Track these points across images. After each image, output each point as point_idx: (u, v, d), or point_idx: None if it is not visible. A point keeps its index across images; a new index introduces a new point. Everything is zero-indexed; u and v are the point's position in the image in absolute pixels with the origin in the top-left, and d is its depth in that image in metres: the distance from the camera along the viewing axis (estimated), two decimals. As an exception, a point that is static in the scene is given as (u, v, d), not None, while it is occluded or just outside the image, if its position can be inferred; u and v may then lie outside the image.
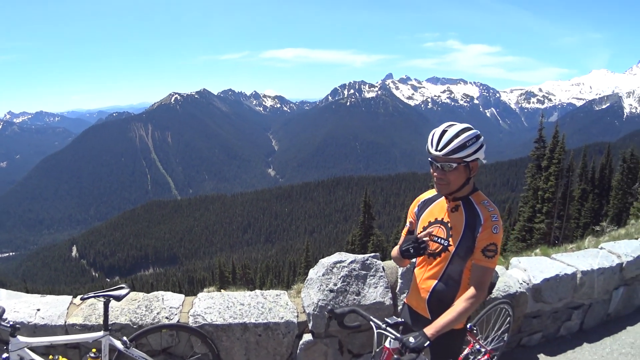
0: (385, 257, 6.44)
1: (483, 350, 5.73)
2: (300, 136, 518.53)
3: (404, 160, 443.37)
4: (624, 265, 8.20)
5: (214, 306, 5.76)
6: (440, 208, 4.16)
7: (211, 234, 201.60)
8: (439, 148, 3.78)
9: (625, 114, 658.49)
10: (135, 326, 5.42)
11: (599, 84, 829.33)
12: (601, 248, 8.72)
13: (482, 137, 3.87)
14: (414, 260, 4.44)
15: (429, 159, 3.91)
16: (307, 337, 5.86)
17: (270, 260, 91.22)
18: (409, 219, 4.43)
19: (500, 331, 6.09)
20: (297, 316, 5.84)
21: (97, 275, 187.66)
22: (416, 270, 4.28)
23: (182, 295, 6.02)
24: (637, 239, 9.59)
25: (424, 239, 4.02)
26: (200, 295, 6.05)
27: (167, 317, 5.57)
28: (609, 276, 7.98)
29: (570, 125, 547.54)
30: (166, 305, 5.73)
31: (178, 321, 5.58)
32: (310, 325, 5.85)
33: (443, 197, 4.17)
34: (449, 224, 4.03)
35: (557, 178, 48.07)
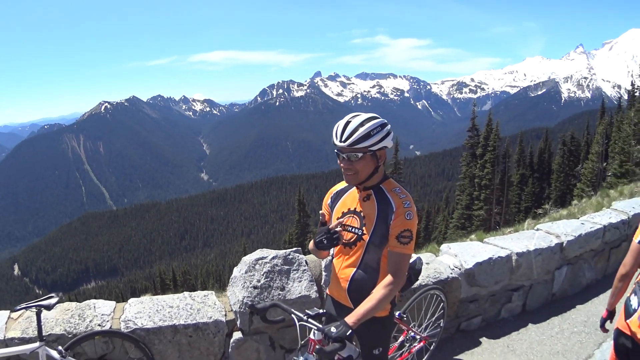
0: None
1: (418, 337, 5.83)
2: (231, 139, 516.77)
3: (336, 157, 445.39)
4: (564, 245, 8.39)
5: (144, 310, 5.71)
6: (352, 198, 4.15)
7: (149, 243, 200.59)
8: (343, 139, 3.78)
9: (563, 98, 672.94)
10: (70, 335, 5.36)
11: (533, 71, 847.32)
12: (537, 229, 8.97)
13: (389, 126, 3.87)
14: (332, 251, 4.40)
15: (335, 150, 3.92)
16: (237, 335, 5.89)
17: (209, 265, 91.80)
18: (322, 212, 4.35)
19: (434, 317, 6.14)
20: (225, 315, 5.86)
21: (40, 292, 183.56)
22: (334, 260, 4.27)
23: (114, 302, 5.98)
24: (578, 218, 9.73)
25: (337, 229, 4.02)
26: (130, 301, 6.00)
27: (99, 325, 5.53)
28: (548, 256, 8.14)
29: (505, 112, 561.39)
30: (98, 313, 5.67)
31: (110, 327, 5.53)
32: (238, 323, 5.89)
33: (355, 188, 4.16)
34: (361, 213, 4.02)
35: (493, 165, 48.51)
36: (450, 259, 7.37)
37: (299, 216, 47.89)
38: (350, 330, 3.46)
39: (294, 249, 6.32)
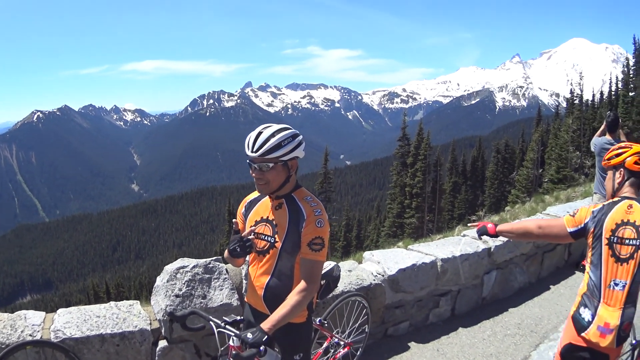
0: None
1: (342, 343, 5.95)
2: (162, 149, 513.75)
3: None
4: (492, 250, 8.59)
5: (72, 320, 5.57)
6: (265, 207, 4.22)
7: (82, 255, 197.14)
8: (254, 149, 3.83)
9: (498, 107, 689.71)
10: (3, 346, 5.24)
11: (467, 81, 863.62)
12: (464, 235, 9.11)
13: (300, 137, 3.97)
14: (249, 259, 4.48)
15: (247, 161, 3.97)
16: (162, 343, 5.85)
17: (142, 277, 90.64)
18: (235, 220, 4.43)
19: (357, 323, 6.23)
20: (150, 324, 5.81)
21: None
22: (250, 268, 4.32)
23: (43, 313, 5.81)
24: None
25: (249, 237, 4.12)
26: (59, 311, 5.87)
27: (30, 335, 5.36)
28: (476, 262, 8.31)
29: (437, 122, 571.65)
30: (29, 323, 5.49)
31: (41, 337, 5.36)
32: (163, 331, 5.87)
33: (267, 197, 4.21)
34: (274, 222, 4.09)
35: (424, 173, 49.13)
36: (374, 265, 7.43)
37: (229, 227, 47.35)
38: (266, 336, 3.54)
39: (214, 257, 6.30)
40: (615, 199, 4.23)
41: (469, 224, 5.87)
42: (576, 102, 60.37)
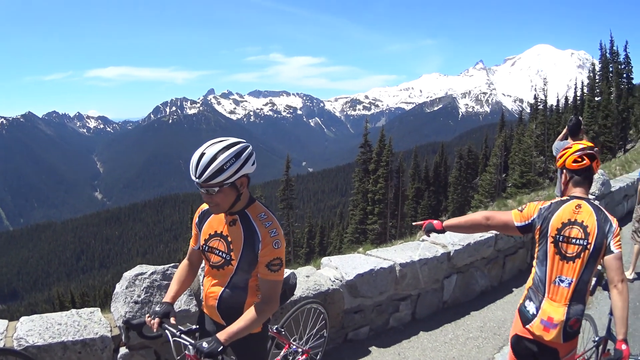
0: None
1: (300, 350, 5.89)
2: (125, 157, 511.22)
3: None
4: (451, 254, 8.66)
5: (35, 328, 5.53)
6: (218, 221, 4.14)
7: (47, 264, 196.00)
8: (197, 175, 3.74)
9: (461, 113, 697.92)
10: None
11: (430, 87, 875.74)
12: (423, 240, 9.21)
13: (246, 151, 3.82)
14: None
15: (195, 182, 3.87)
16: (123, 350, 5.81)
17: (107, 286, 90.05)
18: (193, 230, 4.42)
19: (315, 329, 6.21)
20: (111, 330, 5.76)
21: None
22: (204, 280, 4.31)
23: (6, 321, 5.80)
24: None
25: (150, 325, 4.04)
26: (22, 319, 5.77)
27: None
28: (435, 266, 8.38)
29: (400, 128, 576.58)
30: None
31: (4, 345, 5.34)
32: (123, 338, 5.81)
33: None
34: (228, 238, 4.03)
35: (386, 179, 49.35)
36: (331, 271, 7.46)
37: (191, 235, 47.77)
38: (222, 346, 3.55)
39: (172, 264, 6.16)
40: (564, 198, 4.29)
41: (413, 223, 5.88)
42: (540, 107, 60.86)
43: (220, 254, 4.02)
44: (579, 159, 4.27)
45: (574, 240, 4.06)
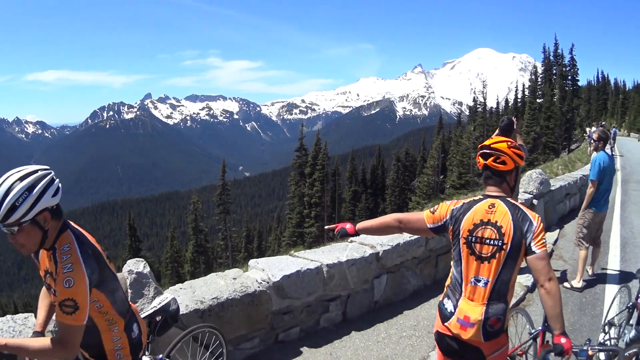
0: (158, 278, 6.19)
1: None
2: (63, 163, 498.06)
3: (166, 180, 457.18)
4: (380, 254, 8.66)
5: (-31, 334, 5.39)
6: (44, 257, 3.79)
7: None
8: None
9: (398, 116, 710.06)
10: None
11: (367, 91, 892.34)
12: (351, 241, 9.13)
13: (43, 182, 3.33)
14: None
15: None
16: None
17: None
18: None
19: (208, 353, 5.82)
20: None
21: None
22: None
23: None
24: None
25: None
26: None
27: None
28: (364, 266, 8.38)
29: (337, 132, 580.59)
30: None
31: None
32: None
33: None
34: (53, 275, 3.69)
35: (322, 183, 49.55)
36: (259, 273, 7.41)
37: (130, 241, 48.81)
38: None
39: None
40: (477, 197, 4.19)
41: (325, 227, 5.74)
42: (479, 109, 61.63)
43: (51, 290, 3.74)
44: (478, 158, 4.19)
45: (487, 241, 4.00)
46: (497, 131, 10.19)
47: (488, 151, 4.08)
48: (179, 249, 54.11)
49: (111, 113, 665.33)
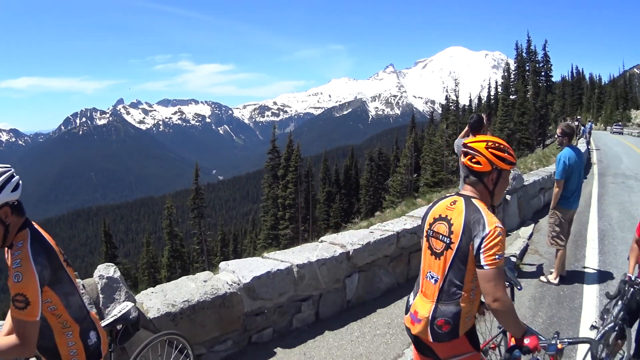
0: (135, 284, 6.16)
1: None
2: (37, 171, 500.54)
3: (140, 186, 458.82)
4: (350, 253, 8.66)
5: None
6: (6, 255, 3.79)
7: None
8: None
9: (371, 116, 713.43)
10: None
11: (339, 92, 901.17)
12: (321, 241, 9.34)
13: (3, 177, 3.43)
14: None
15: None
16: None
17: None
18: None
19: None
20: None
21: None
22: None
23: None
24: (372, 228, 10.17)
25: None
26: None
27: None
28: (334, 266, 8.40)
29: (309, 133, 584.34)
30: None
31: None
32: None
33: None
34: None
35: (296, 185, 49.59)
36: (229, 275, 7.41)
37: (106, 248, 48.73)
38: None
39: (88, 279, 6.00)
40: (449, 194, 4.20)
41: None
42: (452, 107, 61.81)
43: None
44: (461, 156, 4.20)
45: (439, 236, 3.98)
46: (466, 128, 10.15)
47: (465, 149, 4.07)
48: (155, 255, 54.01)
49: (84, 119, 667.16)
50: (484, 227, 3.68)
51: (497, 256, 3.64)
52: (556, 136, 10.93)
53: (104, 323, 4.51)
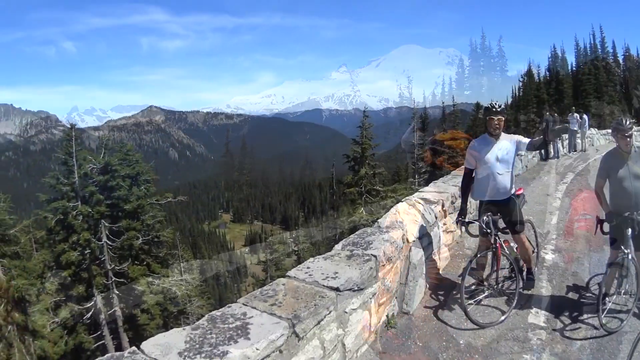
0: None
1: None
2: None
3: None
4: None
5: None
6: None
7: None
8: None
9: (324, 116, 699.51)
10: None
11: (293, 93, 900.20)
12: None
13: None
14: None
15: None
16: None
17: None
18: None
19: None
20: None
21: None
22: None
23: None
24: None
25: None
26: None
27: None
28: None
29: (263, 135, 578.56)
30: None
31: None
32: None
33: None
34: None
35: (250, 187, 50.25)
36: None
37: None
38: None
39: None
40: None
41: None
42: (405, 104, 62.69)
43: None
44: None
45: None
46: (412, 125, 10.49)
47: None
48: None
49: (39, 128, 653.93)
50: None
51: None
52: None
53: None
